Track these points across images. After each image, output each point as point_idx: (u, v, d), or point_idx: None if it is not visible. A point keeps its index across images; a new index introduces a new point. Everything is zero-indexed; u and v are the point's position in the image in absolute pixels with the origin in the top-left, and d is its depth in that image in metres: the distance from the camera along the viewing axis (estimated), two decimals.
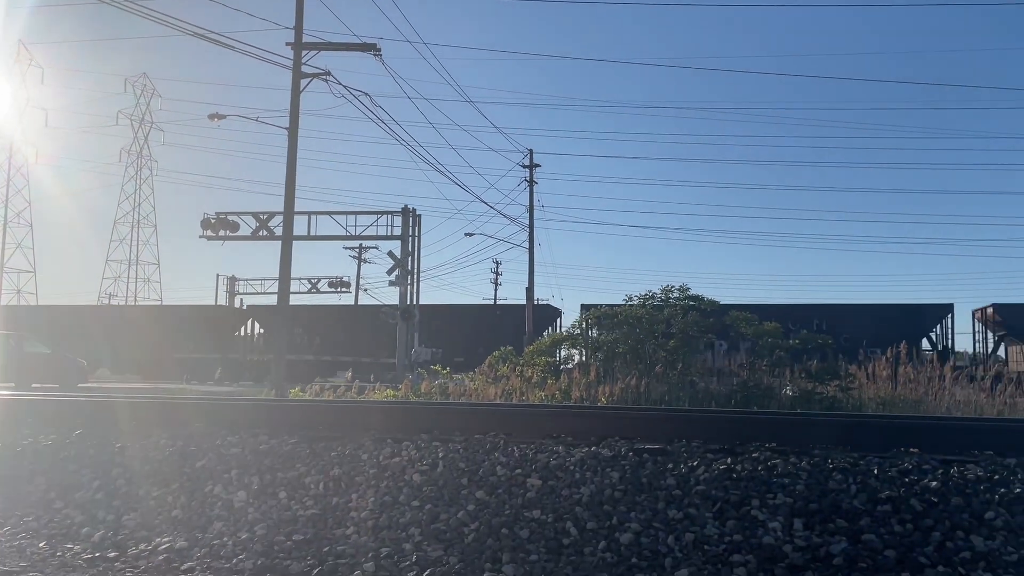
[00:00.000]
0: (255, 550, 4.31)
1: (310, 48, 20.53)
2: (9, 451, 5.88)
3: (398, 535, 4.37)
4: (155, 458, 5.54)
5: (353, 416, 6.61)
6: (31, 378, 20.36)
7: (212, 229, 30.41)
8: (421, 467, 5.02)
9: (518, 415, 6.58)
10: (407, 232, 31.34)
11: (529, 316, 35.56)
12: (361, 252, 52.07)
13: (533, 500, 4.52)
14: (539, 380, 15.31)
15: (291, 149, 20.76)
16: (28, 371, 20.59)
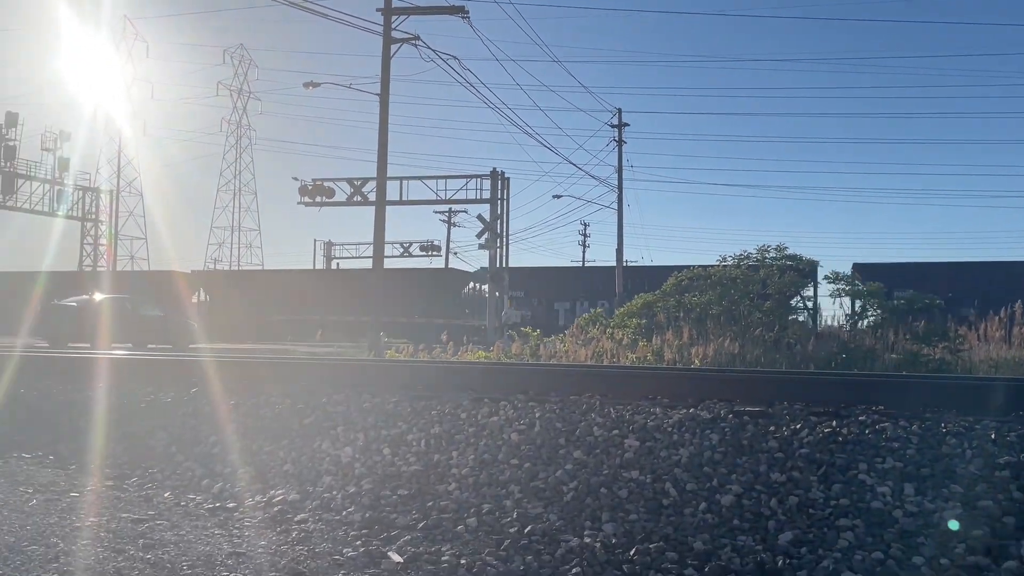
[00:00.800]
0: (363, 503, 4.49)
1: (399, 13, 20.66)
2: (133, 408, 6.28)
3: (498, 492, 4.46)
4: (266, 415, 5.81)
5: (450, 376, 6.76)
6: (146, 339, 21.56)
7: (309, 195, 31.28)
8: (519, 426, 5.09)
9: (613, 376, 6.59)
10: (496, 195, 31.47)
11: (619, 277, 35.30)
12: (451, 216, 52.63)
13: (631, 461, 4.53)
14: (630, 342, 15.24)
15: (383, 115, 21.06)
16: (143, 333, 21.80)
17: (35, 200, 42.45)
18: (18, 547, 3.47)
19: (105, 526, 3.94)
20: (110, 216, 48.59)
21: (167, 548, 3.67)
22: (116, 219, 49.89)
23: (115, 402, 6.43)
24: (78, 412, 6.34)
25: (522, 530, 4.01)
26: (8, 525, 3.79)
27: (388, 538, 4.05)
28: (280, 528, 4.21)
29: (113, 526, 3.95)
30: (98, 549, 3.56)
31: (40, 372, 7.65)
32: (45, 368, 7.83)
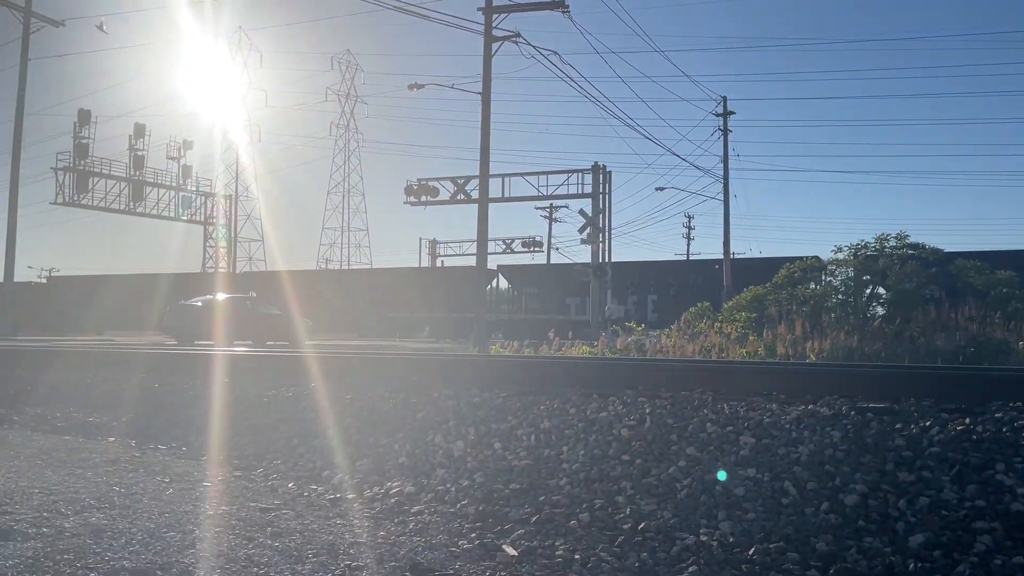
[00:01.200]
0: (476, 496, 4.55)
1: (500, 11, 20.81)
2: (258, 401, 6.58)
3: (610, 488, 4.43)
4: (381, 408, 5.98)
5: (557, 371, 6.77)
6: (265, 336, 22.58)
7: (414, 195, 31.95)
8: (629, 422, 5.05)
9: (725, 371, 6.44)
10: (597, 189, 31.29)
11: (727, 270, 34.49)
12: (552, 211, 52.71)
13: (747, 458, 4.42)
14: (740, 336, 14.86)
15: (484, 113, 21.28)
16: (262, 330, 22.84)
17: (161, 206, 45.09)
18: (158, 533, 3.70)
19: (235, 514, 4.14)
20: (229, 220, 51.08)
21: (293, 536, 3.82)
22: (235, 223, 52.42)
23: (239, 396, 6.76)
24: (206, 406, 6.69)
25: (636, 526, 3.97)
26: (148, 512, 4.04)
27: (502, 531, 4.09)
28: (398, 519, 4.32)
29: (243, 514, 4.15)
30: (230, 536, 3.75)
31: (170, 368, 8.13)
32: (175, 364, 8.31)
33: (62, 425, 6.72)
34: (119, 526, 3.71)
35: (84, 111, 40.24)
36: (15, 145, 31.07)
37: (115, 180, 41.59)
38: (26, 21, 31.43)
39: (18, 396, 7.52)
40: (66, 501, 4.06)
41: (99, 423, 6.75)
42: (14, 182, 30.90)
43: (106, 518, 3.83)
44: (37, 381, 7.92)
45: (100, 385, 7.63)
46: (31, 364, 8.69)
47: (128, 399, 7.20)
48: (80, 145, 39.71)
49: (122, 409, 6.99)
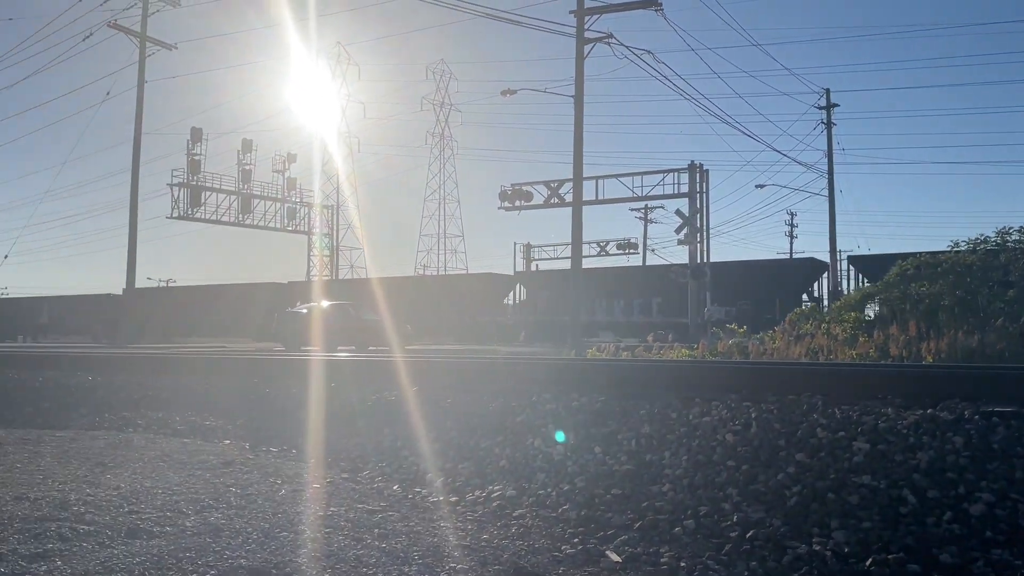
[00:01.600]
0: (577, 501, 4.53)
1: (592, 12, 20.74)
2: (362, 405, 6.75)
3: (715, 494, 4.33)
4: (480, 412, 6.03)
5: (656, 375, 6.66)
6: (367, 342, 23.19)
7: (508, 200, 32.18)
8: (733, 427, 4.92)
9: (834, 374, 6.19)
10: (694, 189, 30.74)
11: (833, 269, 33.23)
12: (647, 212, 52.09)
13: (861, 465, 4.23)
14: (849, 338, 14.28)
15: (577, 116, 21.23)
16: (365, 336, 23.48)
17: (268, 217, 46.96)
18: (272, 533, 3.84)
19: (344, 515, 4.26)
20: (331, 229, 52.75)
21: (399, 538, 3.90)
22: (337, 232, 54.07)
23: (345, 400, 6.95)
24: (314, 410, 6.92)
25: (744, 534, 3.86)
26: (263, 512, 4.20)
27: (604, 537, 4.05)
28: (500, 523, 4.34)
29: (351, 516, 4.26)
30: (339, 537, 3.86)
31: (279, 373, 8.44)
32: (283, 370, 8.64)
33: (181, 428, 7.08)
34: (236, 525, 3.87)
35: (196, 129, 42.35)
36: (134, 164, 33.03)
37: (225, 194, 43.58)
38: (142, 46, 33.38)
39: (141, 401, 7.97)
40: (187, 501, 4.27)
41: (215, 426, 7.08)
42: (133, 199, 32.85)
43: (224, 517, 4.00)
44: (158, 386, 8.38)
45: (215, 390, 8.00)
46: (153, 370, 9.20)
47: (241, 403, 7.52)
48: (193, 161, 41.82)
49: (236, 413, 7.30)
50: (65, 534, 3.49)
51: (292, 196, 48.15)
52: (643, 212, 51.61)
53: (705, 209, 30.46)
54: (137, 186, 32.88)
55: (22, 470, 4.85)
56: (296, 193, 48.60)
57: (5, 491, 4.20)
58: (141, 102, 33.10)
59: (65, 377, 9.17)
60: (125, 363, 9.97)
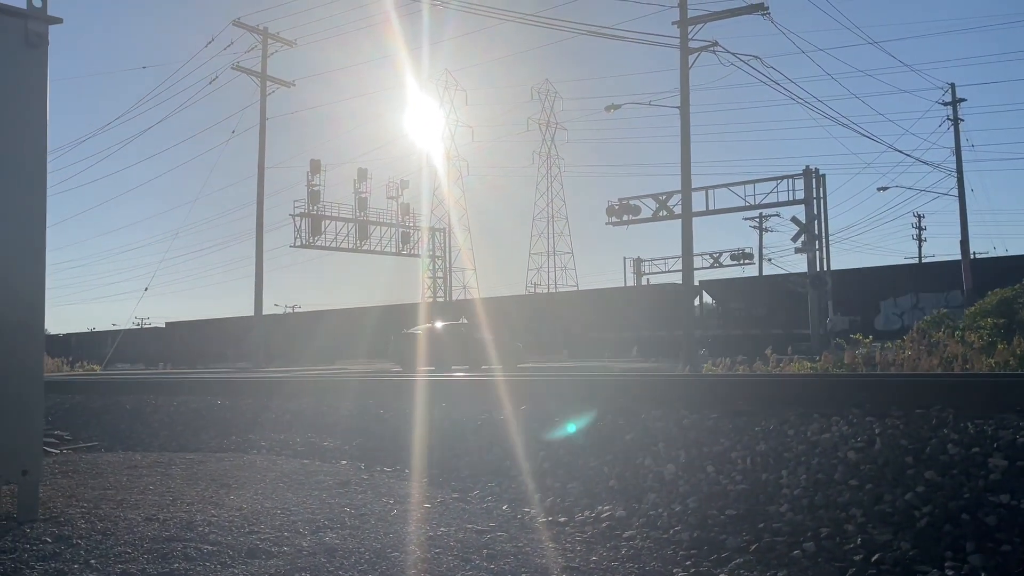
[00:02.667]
0: (689, 522, 4.40)
1: (696, 22, 20.45)
2: (472, 425, 6.81)
3: (837, 515, 4.11)
4: (588, 430, 5.97)
5: (772, 390, 6.40)
6: (480, 360, 23.48)
7: (616, 215, 32.00)
8: (856, 444, 4.67)
9: (965, 386, 5.78)
10: (810, 195, 29.68)
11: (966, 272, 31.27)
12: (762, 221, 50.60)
13: (998, 483, 3.92)
14: (985, 345, 13.35)
15: (684, 127, 20.91)
16: (477, 354, 23.79)
17: (384, 243, 48.43)
18: (384, 553, 3.90)
19: (453, 535, 4.29)
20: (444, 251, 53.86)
21: (507, 559, 3.89)
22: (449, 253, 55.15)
23: (456, 419, 7.03)
24: (426, 429, 7.03)
25: (868, 558, 3.65)
26: (375, 533, 4.28)
27: (718, 560, 3.92)
28: (609, 544, 4.27)
29: (460, 536, 4.29)
30: (448, 557, 3.88)
31: (394, 394, 8.64)
32: (397, 390, 8.83)
33: (301, 449, 7.34)
34: (349, 546, 3.96)
35: (315, 161, 44.26)
36: (259, 196, 34.87)
37: (343, 221, 45.29)
38: (263, 85, 35.29)
39: (265, 423, 8.32)
40: (304, 521, 4.41)
41: (332, 447, 7.30)
42: (259, 230, 34.66)
43: (338, 538, 4.11)
44: (280, 409, 8.73)
45: (334, 411, 8.25)
46: (275, 393, 9.60)
47: (357, 424, 7.73)
48: (312, 192, 43.69)
49: (352, 434, 7.51)
50: (190, 554, 3.66)
51: (406, 221, 49.50)
52: (757, 221, 50.15)
53: (823, 215, 29.31)
54: (262, 218, 34.69)
55: (154, 491, 5.14)
56: (409, 218, 49.94)
57: (137, 512, 4.46)
58: (263, 138, 34.95)
59: (196, 401, 9.70)
60: (250, 387, 10.46)
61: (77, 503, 4.70)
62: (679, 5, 20.70)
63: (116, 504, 4.69)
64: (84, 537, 3.88)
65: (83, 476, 5.75)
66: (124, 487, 5.28)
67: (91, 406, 10.50)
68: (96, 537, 3.89)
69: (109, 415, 9.92)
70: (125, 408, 10.06)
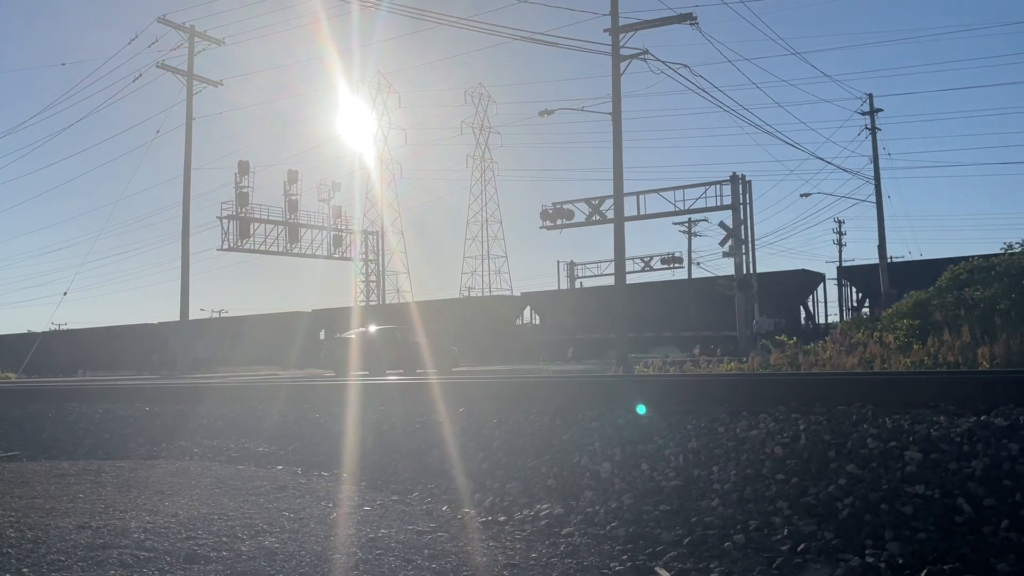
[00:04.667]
0: (625, 518, 4.53)
1: (626, 30, 20.81)
2: (411, 427, 6.83)
3: (765, 508, 4.29)
4: (526, 431, 6.06)
5: (703, 389, 6.62)
6: (414, 365, 23.37)
7: (550, 219, 32.27)
8: (782, 439, 4.87)
9: (884, 383, 6.09)
10: (737, 200, 30.49)
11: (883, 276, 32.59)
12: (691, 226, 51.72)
13: (914, 474, 4.16)
14: (902, 345, 13.98)
15: (616, 133, 21.25)
16: (412, 359, 23.66)
17: (315, 246, 47.72)
18: (325, 555, 3.91)
19: (394, 537, 4.31)
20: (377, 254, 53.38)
21: (449, 559, 3.94)
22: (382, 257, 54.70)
23: (394, 423, 7.04)
24: (364, 433, 7.01)
25: (795, 548, 3.82)
26: (315, 536, 4.28)
27: (653, 553, 4.04)
28: (548, 541, 4.36)
29: (401, 537, 4.32)
30: (390, 558, 3.91)
31: (329, 399, 8.58)
32: (332, 396, 8.77)
33: (236, 455, 7.23)
34: (289, 549, 3.95)
35: (243, 162, 43.32)
36: (185, 198, 33.95)
37: (273, 224, 44.46)
38: (189, 84, 34.41)
39: (197, 430, 8.16)
40: (242, 526, 4.37)
41: (268, 452, 7.21)
42: (185, 232, 33.73)
43: (278, 541, 4.09)
44: (215, 415, 8.57)
45: (267, 417, 8.15)
46: (207, 399, 9.41)
47: (293, 429, 7.66)
48: (241, 194, 42.77)
49: (288, 439, 7.44)
50: (126, 561, 3.60)
51: (337, 224, 48.89)
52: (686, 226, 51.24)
53: (749, 220, 30.16)
54: (188, 220, 33.76)
55: (84, 499, 5.02)
56: (341, 221, 49.37)
57: (69, 520, 4.35)
58: (190, 138, 34.07)
59: (123, 408, 9.43)
60: (179, 393, 10.23)
61: (4, 513, 4.55)
62: (611, 13, 21.07)
63: (46, 513, 4.56)
64: (14, 546, 3.78)
65: (8, 486, 5.56)
66: (53, 496, 5.13)
67: (10, 415, 10.10)
68: (27, 546, 3.79)
69: (30, 424, 9.57)
70: (47, 416, 9.72)
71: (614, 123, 21.22)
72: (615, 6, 21.05)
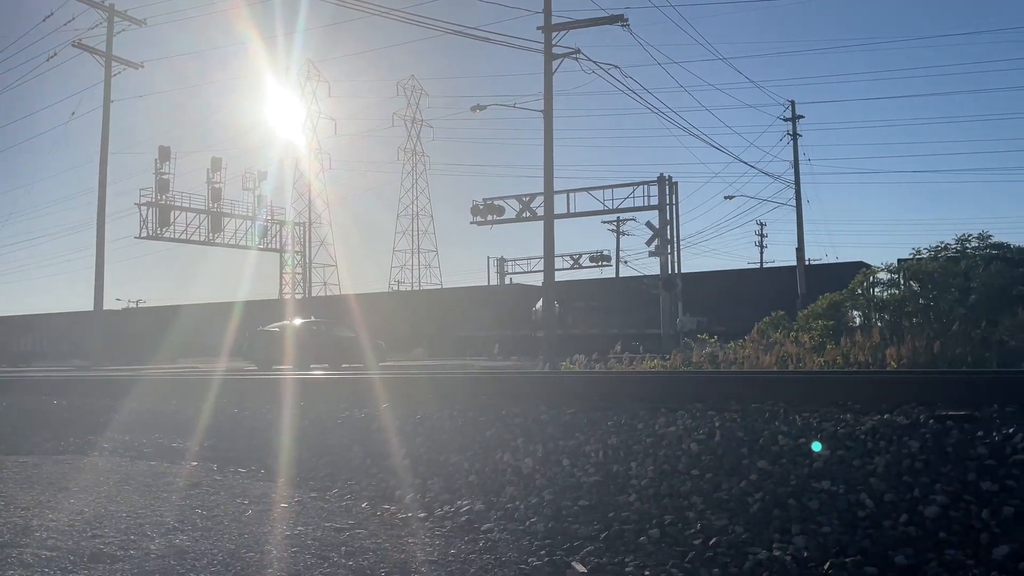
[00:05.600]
0: (545, 514, 4.57)
1: (559, 28, 20.94)
2: (331, 424, 6.74)
3: (680, 503, 4.39)
4: (450, 427, 6.05)
5: (625, 387, 6.72)
6: (340, 359, 23.06)
7: (481, 215, 32.28)
8: (698, 436, 4.99)
9: (797, 382, 6.30)
10: (664, 201, 31.04)
11: (801, 277, 33.67)
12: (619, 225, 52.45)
13: (821, 470, 4.32)
14: (816, 345, 14.49)
15: (547, 130, 21.38)
16: (338, 353, 23.34)
17: (239, 236, 46.59)
18: (238, 554, 3.83)
19: (311, 534, 4.26)
20: (303, 246, 52.47)
21: (366, 555, 3.91)
22: (309, 249, 53.78)
23: (315, 419, 6.94)
24: (283, 429, 6.89)
25: (707, 542, 3.92)
26: (229, 534, 4.18)
27: (571, 548, 4.09)
28: (468, 537, 4.36)
29: (318, 534, 4.26)
30: (306, 556, 3.86)
31: (249, 393, 8.40)
32: (253, 390, 8.59)
33: (148, 451, 7.01)
34: (201, 547, 3.86)
35: (164, 148, 42.02)
36: (101, 183, 32.67)
37: (195, 213, 43.22)
38: (107, 65, 33.11)
39: (107, 424, 7.88)
40: (152, 524, 4.24)
41: (182, 448, 7.02)
42: (101, 219, 32.48)
43: (189, 540, 3.98)
44: (127, 409, 8.29)
45: (183, 411, 7.93)
46: (119, 392, 9.10)
47: (210, 424, 7.47)
48: (161, 181, 41.45)
49: (204, 434, 7.25)
50: (27, 560, 3.46)
51: (263, 214, 47.84)
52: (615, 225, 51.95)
53: (675, 220, 30.77)
54: (104, 206, 32.53)
55: None
56: (268, 211, 48.32)
57: None
58: (107, 121, 32.80)
59: (28, 401, 9.04)
60: (90, 386, 9.85)
61: None
62: (544, 11, 21.19)
63: None
64: None
65: None
66: None
67: None
68: None
69: None
70: None
71: (545, 121, 21.36)
72: (548, 4, 21.18)
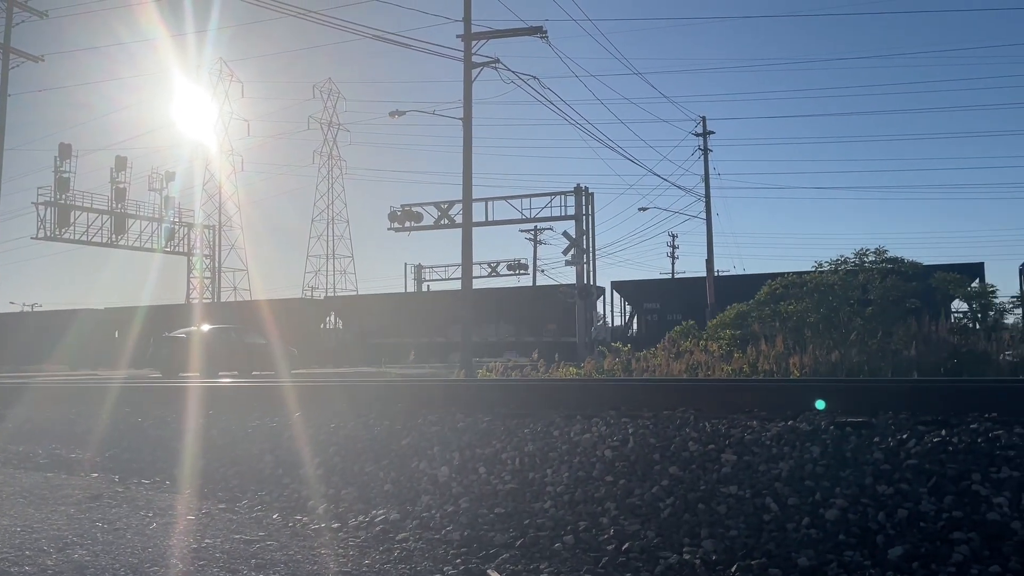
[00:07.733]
0: (461, 522, 4.56)
1: (479, 37, 21.03)
2: (242, 433, 6.56)
3: (594, 509, 4.46)
4: (365, 436, 5.98)
5: (541, 394, 6.79)
6: (251, 367, 22.44)
7: (398, 221, 32.01)
8: (612, 443, 5.08)
9: (706, 390, 6.48)
10: (580, 211, 31.46)
11: (710, 288, 34.66)
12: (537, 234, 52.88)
13: (729, 476, 4.46)
14: (725, 354, 14.95)
15: (466, 138, 21.42)
16: (249, 360, 22.70)
17: (144, 238, 44.88)
18: (141, 568, 3.68)
19: (219, 547, 4.13)
20: (212, 250, 50.92)
21: (277, 568, 3.82)
22: (219, 252, 52.23)
23: (224, 428, 6.74)
24: (190, 439, 6.67)
25: (620, 547, 3.99)
26: (132, 548, 4.02)
27: (487, 556, 4.10)
28: (383, 547, 4.32)
29: (227, 547, 4.14)
30: (214, 569, 3.74)
31: (154, 402, 8.09)
32: (158, 398, 8.28)
33: (44, 462, 6.67)
34: (102, 562, 3.69)
35: (65, 145, 40.15)
36: None
37: (97, 213, 41.43)
38: (4, 57, 31.42)
39: (2, 434, 7.46)
40: (48, 538, 4.04)
41: (82, 459, 6.71)
42: None
43: (89, 554, 3.81)
44: (22, 418, 7.87)
45: (83, 421, 7.58)
46: (17, 401, 8.63)
47: (112, 434, 7.16)
48: (61, 179, 39.59)
49: (106, 444, 6.95)
50: None
51: (171, 216, 46.25)
52: (532, 234, 52.36)
53: (591, 230, 31.20)
54: None
55: None
56: (175, 213, 46.74)
57: None
58: (2, 115, 31.09)
59: None
60: None
61: None
62: (464, 20, 21.24)
63: None
64: None
65: None
66: None
67: None
68: None
69: None
70: None
71: (464, 129, 21.38)
72: (468, 13, 21.24)
